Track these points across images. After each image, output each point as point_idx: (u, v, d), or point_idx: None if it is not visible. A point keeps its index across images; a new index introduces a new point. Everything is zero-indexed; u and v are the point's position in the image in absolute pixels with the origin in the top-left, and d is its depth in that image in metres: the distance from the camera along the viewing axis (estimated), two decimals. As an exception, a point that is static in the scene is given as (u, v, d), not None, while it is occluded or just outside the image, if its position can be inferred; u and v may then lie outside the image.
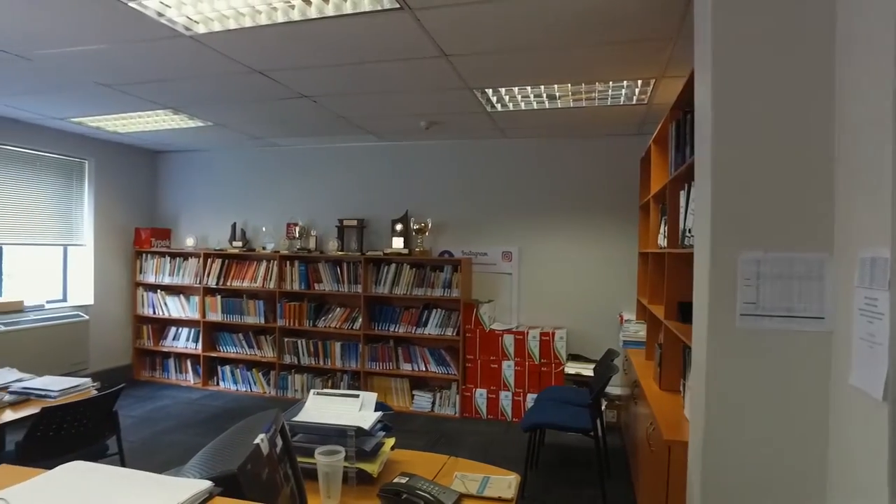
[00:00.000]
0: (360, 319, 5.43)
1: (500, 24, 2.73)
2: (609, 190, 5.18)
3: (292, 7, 2.61)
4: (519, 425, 4.78)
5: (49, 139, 5.38)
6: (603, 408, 4.41)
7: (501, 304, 5.49)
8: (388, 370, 5.39)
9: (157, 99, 4.20)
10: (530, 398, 4.99)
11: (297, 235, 5.81)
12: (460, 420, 5.10)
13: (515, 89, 3.83)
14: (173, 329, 6.22)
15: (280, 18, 2.71)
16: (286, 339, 5.71)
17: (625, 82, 3.62)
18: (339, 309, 5.59)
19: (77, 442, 2.83)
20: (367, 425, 1.78)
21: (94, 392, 3.10)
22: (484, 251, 5.53)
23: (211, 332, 6.04)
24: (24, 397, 2.90)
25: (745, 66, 1.72)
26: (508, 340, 5.08)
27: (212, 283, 5.92)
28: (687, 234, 2.59)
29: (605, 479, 3.59)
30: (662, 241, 3.40)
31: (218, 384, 5.98)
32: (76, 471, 1.00)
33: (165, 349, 6.20)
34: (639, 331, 4.35)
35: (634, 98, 3.95)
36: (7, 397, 2.84)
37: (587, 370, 4.86)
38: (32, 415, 2.67)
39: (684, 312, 2.78)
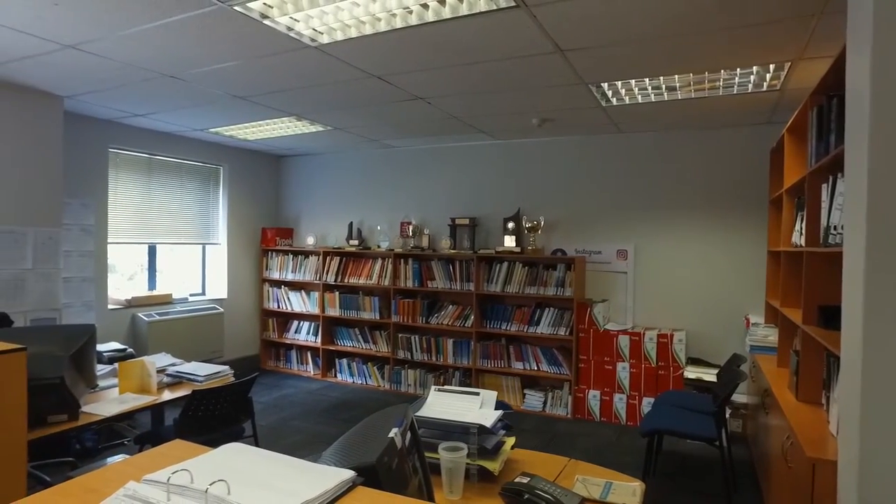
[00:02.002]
0: (472, 317, 5.49)
1: (617, 16, 2.64)
2: (733, 184, 4.84)
3: (410, 12, 2.69)
4: (637, 429, 4.63)
5: (191, 148, 5.95)
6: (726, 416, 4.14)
7: (616, 304, 5.31)
8: (500, 368, 5.40)
9: (282, 107, 4.50)
10: (646, 402, 4.80)
11: (411, 234, 5.98)
12: (572, 421, 5.01)
13: (632, 82, 3.69)
14: (295, 322, 6.64)
15: (398, 24, 2.80)
16: (400, 335, 5.90)
17: (754, 68, 3.35)
18: (451, 306, 5.69)
19: (220, 423, 3.11)
20: (488, 423, 1.80)
21: (232, 379, 3.39)
22: (598, 249, 5.38)
23: (329, 327, 6.38)
24: (178, 380, 3.25)
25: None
26: (623, 341, 4.91)
27: (330, 279, 6.25)
28: (832, 231, 2.36)
29: (731, 492, 3.37)
30: (798, 238, 3.13)
31: (336, 376, 6.31)
32: (236, 451, 1.10)
33: (288, 341, 6.64)
34: (768, 335, 4.03)
35: (765, 84, 3.65)
36: (165, 379, 3.19)
37: (709, 375, 4.59)
38: (185, 396, 2.98)
39: (827, 317, 2.54)
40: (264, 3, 2.60)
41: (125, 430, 4.29)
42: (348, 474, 0.98)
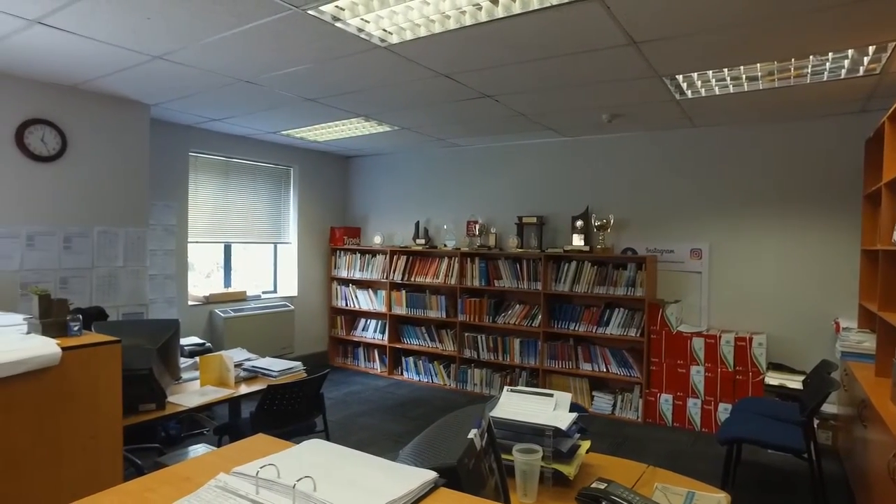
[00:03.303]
0: (540, 317, 5.41)
1: (696, 3, 2.51)
2: (820, 178, 4.54)
3: (479, 9, 2.66)
4: (713, 437, 4.43)
5: (264, 151, 6.17)
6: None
7: (689, 305, 5.10)
8: (568, 369, 5.30)
9: (351, 108, 4.58)
10: (722, 408, 4.59)
11: (478, 233, 5.96)
12: (643, 426, 4.85)
13: (710, 73, 3.52)
14: (363, 320, 6.76)
15: (468, 21, 2.78)
16: (466, 334, 5.89)
17: (849, 52, 3.11)
18: (518, 306, 5.63)
19: (293, 417, 3.20)
20: (563, 426, 1.75)
21: (304, 375, 3.47)
22: (670, 248, 5.18)
23: (396, 325, 6.46)
24: (253, 374, 3.36)
25: None
26: (698, 344, 4.71)
27: (397, 278, 6.32)
28: (942, 228, 2.16)
29: (821, 508, 3.16)
30: (900, 236, 2.89)
31: (402, 374, 6.38)
32: (318, 447, 1.11)
33: (356, 339, 6.77)
34: (863, 341, 3.75)
35: (861, 69, 3.37)
36: (242, 373, 3.31)
37: (793, 382, 4.32)
38: (260, 390, 3.08)
39: (935, 322, 2.33)
40: (336, 6, 2.64)
41: (204, 421, 4.50)
42: (431, 475, 0.97)
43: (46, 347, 1.93)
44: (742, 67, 3.39)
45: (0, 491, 1.87)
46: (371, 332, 6.63)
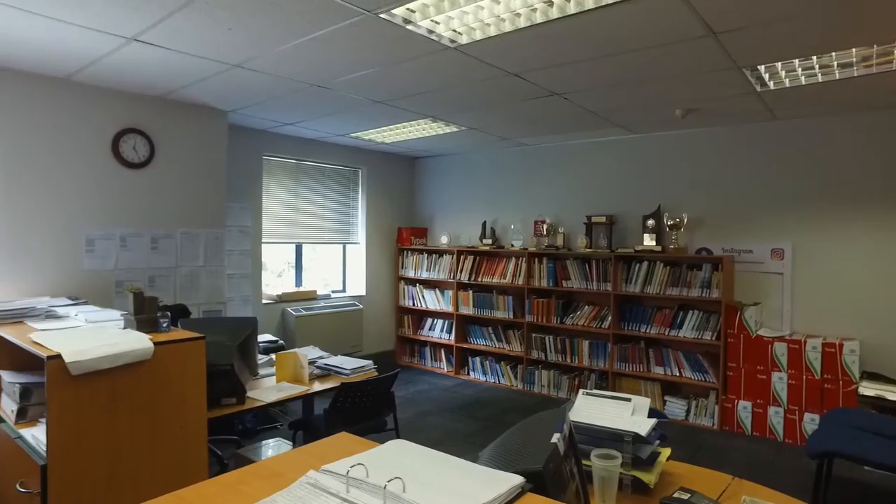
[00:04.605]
0: (610, 318, 5.28)
1: (786, -12, 2.38)
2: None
3: (551, 5, 2.62)
4: (800, 449, 4.18)
5: (333, 153, 6.33)
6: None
7: (770, 308, 4.83)
8: (639, 372, 5.15)
9: (419, 109, 4.62)
10: (808, 418, 4.32)
11: (545, 233, 5.88)
12: (719, 433, 4.64)
13: (795, 62, 3.31)
14: (429, 320, 6.82)
15: (539, 19, 2.74)
16: (534, 335, 5.83)
17: (963, 31, 2.85)
18: (587, 307, 5.52)
19: (365, 415, 3.26)
20: (643, 431, 1.69)
21: (375, 373, 3.53)
22: (748, 248, 4.93)
23: (463, 325, 6.47)
24: (326, 372, 3.44)
25: None
26: (780, 349, 4.46)
27: (464, 278, 6.33)
28: None
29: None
30: None
31: (468, 374, 6.38)
32: (403, 447, 1.12)
33: (422, 338, 6.83)
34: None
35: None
36: (315, 371, 3.40)
37: (892, 394, 4.01)
38: (333, 388, 3.16)
39: None
40: (407, 9, 2.67)
41: (278, 415, 4.66)
42: (518, 480, 0.95)
43: (141, 342, 2.05)
44: (833, 54, 3.18)
45: (107, 472, 2.01)
46: (438, 332, 6.67)
